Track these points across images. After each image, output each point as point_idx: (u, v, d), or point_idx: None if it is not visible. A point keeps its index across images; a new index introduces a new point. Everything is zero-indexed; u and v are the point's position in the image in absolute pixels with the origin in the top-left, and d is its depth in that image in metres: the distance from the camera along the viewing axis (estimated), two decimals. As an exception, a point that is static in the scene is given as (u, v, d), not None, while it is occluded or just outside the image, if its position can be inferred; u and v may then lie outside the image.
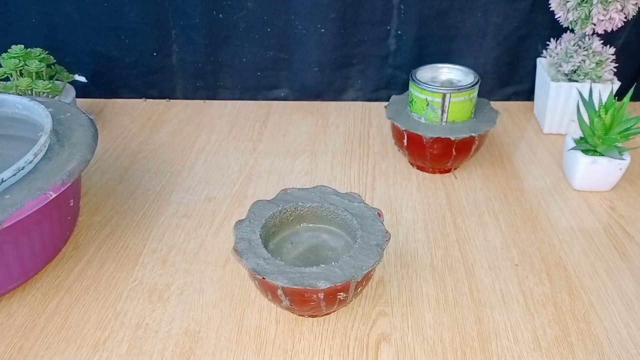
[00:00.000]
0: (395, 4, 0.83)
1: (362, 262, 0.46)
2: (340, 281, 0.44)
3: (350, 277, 0.45)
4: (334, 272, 0.45)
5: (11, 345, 0.48)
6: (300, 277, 0.45)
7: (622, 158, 0.65)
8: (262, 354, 0.48)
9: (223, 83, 0.93)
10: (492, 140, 0.80)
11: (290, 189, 0.55)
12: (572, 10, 0.71)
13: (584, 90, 0.73)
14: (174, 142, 0.80)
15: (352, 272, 0.45)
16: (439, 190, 0.69)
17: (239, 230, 0.50)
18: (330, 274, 0.45)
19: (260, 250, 0.47)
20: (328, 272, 0.45)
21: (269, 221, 0.52)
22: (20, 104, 0.58)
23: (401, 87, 0.90)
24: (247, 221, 0.51)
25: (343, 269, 0.45)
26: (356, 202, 0.53)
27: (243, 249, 0.47)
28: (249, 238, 0.49)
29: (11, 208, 0.44)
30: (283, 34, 0.87)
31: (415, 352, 0.47)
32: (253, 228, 0.50)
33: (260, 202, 0.53)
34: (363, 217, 0.51)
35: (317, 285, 0.44)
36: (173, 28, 0.86)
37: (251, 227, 0.50)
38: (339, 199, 0.54)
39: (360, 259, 0.46)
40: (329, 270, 0.45)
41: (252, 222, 0.51)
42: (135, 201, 0.67)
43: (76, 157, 0.52)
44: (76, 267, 0.57)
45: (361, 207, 0.53)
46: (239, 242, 0.48)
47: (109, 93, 0.93)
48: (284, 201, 0.53)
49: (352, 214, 0.52)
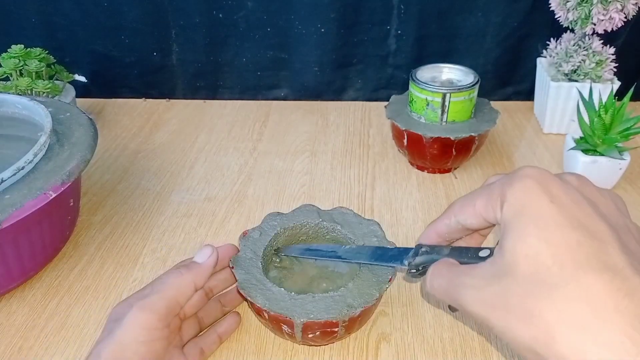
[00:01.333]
0: (395, 4, 0.83)
1: (354, 300, 0.43)
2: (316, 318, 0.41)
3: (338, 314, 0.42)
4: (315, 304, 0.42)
5: (11, 345, 0.48)
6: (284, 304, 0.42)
7: (622, 158, 0.65)
8: (262, 354, 0.47)
9: (223, 83, 0.93)
10: (492, 140, 0.80)
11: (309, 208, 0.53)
12: (572, 10, 0.71)
13: (584, 90, 0.73)
14: (174, 142, 0.80)
15: (341, 309, 0.42)
16: (439, 190, 0.69)
17: (244, 240, 0.49)
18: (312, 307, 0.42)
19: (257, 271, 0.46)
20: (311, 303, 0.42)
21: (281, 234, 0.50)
22: (20, 104, 0.58)
23: (401, 87, 0.90)
24: (256, 231, 0.50)
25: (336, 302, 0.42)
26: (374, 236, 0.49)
27: (240, 259, 0.47)
28: (253, 249, 0.48)
29: (11, 208, 0.44)
30: (283, 34, 0.87)
31: (415, 352, 0.47)
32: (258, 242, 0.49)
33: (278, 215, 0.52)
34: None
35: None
36: (173, 28, 0.86)
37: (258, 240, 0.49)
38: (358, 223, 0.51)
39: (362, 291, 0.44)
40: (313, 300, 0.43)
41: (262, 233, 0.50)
42: (135, 201, 0.67)
43: (76, 157, 0.52)
44: (76, 267, 0.57)
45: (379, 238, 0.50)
46: (244, 280, 0.45)
47: (109, 93, 0.93)
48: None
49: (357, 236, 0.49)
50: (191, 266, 0.43)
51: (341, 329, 0.43)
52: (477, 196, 0.34)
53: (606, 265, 0.26)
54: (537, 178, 0.30)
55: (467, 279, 0.32)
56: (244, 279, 0.45)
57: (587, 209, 0.29)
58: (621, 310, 0.25)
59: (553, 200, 0.29)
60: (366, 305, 0.42)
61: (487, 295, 0.30)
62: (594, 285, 0.26)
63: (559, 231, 0.28)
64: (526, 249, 0.28)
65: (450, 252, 0.37)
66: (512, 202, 0.30)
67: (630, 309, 0.25)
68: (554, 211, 0.28)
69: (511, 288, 0.28)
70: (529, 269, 0.28)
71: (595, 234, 0.28)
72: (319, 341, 0.45)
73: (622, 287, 0.26)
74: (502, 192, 0.31)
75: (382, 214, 0.64)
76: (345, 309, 0.42)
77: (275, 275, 0.49)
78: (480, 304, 0.30)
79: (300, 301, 0.43)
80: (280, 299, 0.43)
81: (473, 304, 0.30)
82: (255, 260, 0.47)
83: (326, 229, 0.51)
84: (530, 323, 0.27)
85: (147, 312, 0.39)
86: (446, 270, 0.35)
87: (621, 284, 0.26)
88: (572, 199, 0.29)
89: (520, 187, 0.30)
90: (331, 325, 0.42)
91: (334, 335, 0.43)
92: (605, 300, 0.25)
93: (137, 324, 0.38)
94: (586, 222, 0.28)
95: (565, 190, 0.30)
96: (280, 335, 0.47)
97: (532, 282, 0.27)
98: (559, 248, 0.27)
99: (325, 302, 0.42)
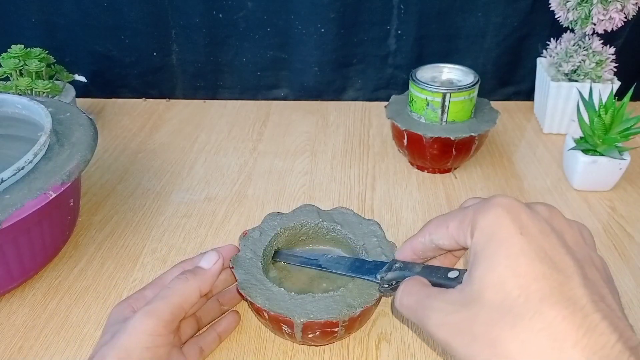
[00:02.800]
0: (395, 4, 0.83)
1: (354, 300, 0.43)
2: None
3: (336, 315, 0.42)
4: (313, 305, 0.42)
5: (11, 345, 0.48)
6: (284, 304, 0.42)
7: (622, 158, 0.65)
8: (262, 354, 0.47)
9: (223, 83, 0.93)
10: (492, 140, 0.80)
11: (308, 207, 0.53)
12: (572, 10, 0.71)
13: (584, 90, 0.73)
14: (174, 142, 0.80)
15: (340, 310, 0.42)
16: (439, 190, 0.69)
17: (238, 264, 0.48)
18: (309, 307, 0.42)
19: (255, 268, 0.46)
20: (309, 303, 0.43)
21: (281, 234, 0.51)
22: (20, 104, 0.58)
23: (401, 87, 0.90)
24: (256, 231, 0.50)
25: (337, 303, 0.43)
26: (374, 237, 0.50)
27: (249, 286, 0.46)
28: (253, 248, 0.48)
29: (11, 208, 0.44)
30: (283, 34, 0.87)
31: (415, 352, 0.47)
32: (258, 241, 0.49)
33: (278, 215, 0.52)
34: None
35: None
36: (173, 28, 0.86)
37: (259, 239, 0.49)
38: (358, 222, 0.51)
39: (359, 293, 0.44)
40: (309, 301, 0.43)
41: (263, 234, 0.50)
42: (135, 201, 0.67)
43: (76, 157, 0.52)
44: (76, 267, 0.57)
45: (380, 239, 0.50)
46: (244, 280, 0.45)
47: (109, 93, 0.93)
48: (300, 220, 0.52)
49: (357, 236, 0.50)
50: (197, 272, 0.43)
51: (341, 329, 0.43)
52: (451, 218, 0.34)
53: (569, 299, 0.27)
54: (508, 208, 0.31)
55: (436, 303, 0.32)
56: (244, 279, 0.45)
57: (554, 241, 0.30)
58: (580, 347, 0.26)
59: (522, 231, 0.30)
60: (366, 305, 0.42)
61: (454, 321, 0.30)
62: (555, 319, 0.26)
63: (526, 262, 0.28)
64: (494, 278, 0.29)
65: (422, 270, 0.38)
66: (482, 230, 0.31)
67: (589, 347, 0.26)
68: (522, 242, 0.29)
69: (478, 315, 0.29)
70: (496, 298, 0.28)
71: (561, 267, 0.28)
72: (319, 341, 0.45)
73: (583, 323, 0.26)
74: (474, 218, 0.32)
75: (382, 214, 0.64)
76: (345, 309, 0.42)
77: (275, 275, 0.49)
78: (446, 329, 0.31)
79: (300, 301, 0.43)
80: (280, 299, 0.43)
81: (439, 327, 0.31)
82: (255, 260, 0.47)
83: (326, 229, 0.51)
84: (494, 352, 0.28)
85: (153, 318, 0.39)
86: (416, 289, 0.35)
87: (582, 320, 0.26)
88: (541, 230, 0.30)
89: (492, 215, 0.31)
90: (331, 325, 0.42)
91: (334, 335, 0.43)
92: (565, 336, 0.26)
93: (142, 330, 0.38)
94: (553, 254, 0.29)
95: (535, 221, 0.30)
96: (280, 336, 0.47)
97: (498, 311, 0.28)
98: (526, 279, 0.28)
99: (325, 302, 0.42)
